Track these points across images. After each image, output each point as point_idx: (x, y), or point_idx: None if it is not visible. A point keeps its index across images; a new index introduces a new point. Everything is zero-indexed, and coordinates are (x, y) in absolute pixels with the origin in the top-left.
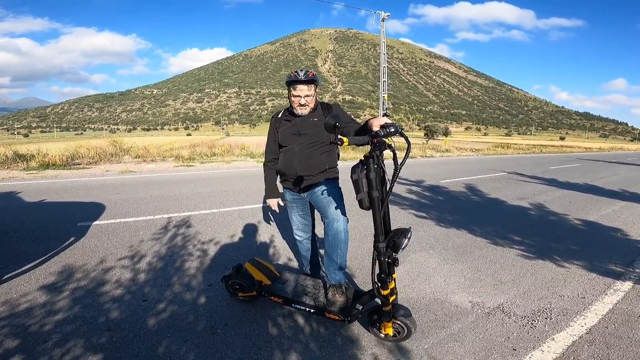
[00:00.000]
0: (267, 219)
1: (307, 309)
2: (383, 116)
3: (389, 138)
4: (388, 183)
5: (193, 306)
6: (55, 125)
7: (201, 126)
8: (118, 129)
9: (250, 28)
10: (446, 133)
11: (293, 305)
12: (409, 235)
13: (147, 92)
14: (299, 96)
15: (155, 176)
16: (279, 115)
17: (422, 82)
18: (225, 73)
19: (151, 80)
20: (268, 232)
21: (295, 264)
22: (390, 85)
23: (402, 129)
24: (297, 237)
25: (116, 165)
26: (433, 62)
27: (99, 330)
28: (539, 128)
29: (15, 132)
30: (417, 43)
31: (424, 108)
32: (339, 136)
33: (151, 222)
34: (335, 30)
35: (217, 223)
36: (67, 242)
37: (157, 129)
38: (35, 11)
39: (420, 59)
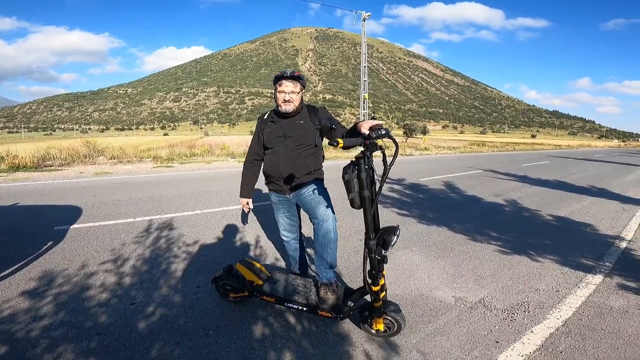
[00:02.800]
0: (252, 220)
1: (300, 308)
2: (371, 119)
3: (380, 140)
4: (377, 183)
5: (183, 308)
6: (23, 126)
7: (179, 125)
8: (90, 129)
9: (228, 27)
10: (424, 132)
11: (285, 304)
12: (397, 233)
13: (121, 91)
14: (283, 92)
15: (133, 178)
16: (265, 117)
17: (401, 81)
18: (203, 72)
19: (125, 79)
20: (253, 233)
21: (282, 263)
22: (370, 84)
23: (390, 132)
24: (284, 238)
25: (90, 167)
26: (412, 62)
27: (88, 334)
28: (512, 126)
29: None
30: (393, 43)
31: (402, 107)
32: (335, 138)
33: (132, 225)
34: (316, 29)
35: (201, 224)
36: (45, 247)
37: (132, 129)
38: (3, 11)
39: (400, 58)
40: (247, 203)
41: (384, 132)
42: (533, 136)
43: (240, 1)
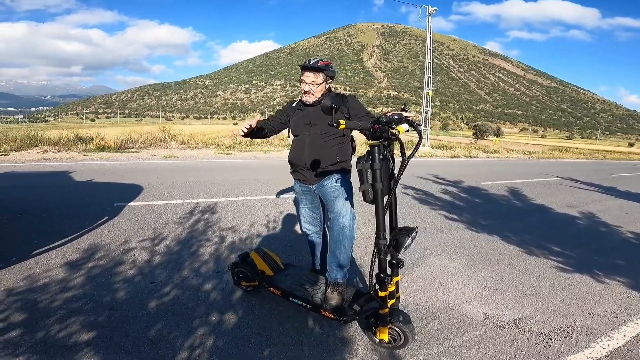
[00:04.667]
0: (290, 210)
1: (303, 304)
2: (401, 110)
3: (397, 129)
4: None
5: (196, 292)
6: (118, 112)
7: (247, 116)
8: (173, 116)
9: (296, 22)
10: (498, 133)
11: (290, 298)
12: (413, 235)
13: (200, 83)
14: (304, 82)
15: (195, 162)
16: (293, 104)
17: (474, 80)
18: (272, 65)
19: (204, 71)
20: (289, 223)
21: (309, 258)
22: (439, 82)
23: (416, 122)
24: (305, 231)
25: (163, 150)
26: (487, 60)
27: (102, 309)
28: (606, 132)
29: (84, 117)
30: (466, 40)
31: (474, 107)
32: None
33: (179, 206)
34: (382, 25)
35: (241, 211)
36: (99, 221)
37: (207, 118)
38: (107, 4)
39: (473, 56)
40: (250, 124)
41: (396, 117)
42: (631, 144)
43: None
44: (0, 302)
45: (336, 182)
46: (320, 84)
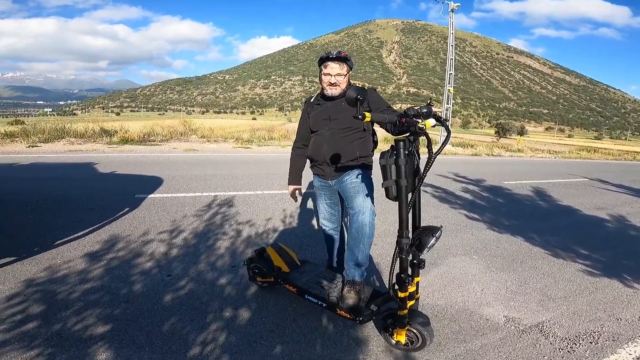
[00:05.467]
0: (308, 205)
1: (319, 303)
2: (427, 106)
3: (423, 123)
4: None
5: (211, 286)
6: (142, 106)
7: (266, 111)
8: (193, 110)
9: (315, 17)
10: (521, 132)
11: (306, 296)
12: (437, 235)
13: (220, 77)
14: (329, 74)
15: (214, 155)
16: (311, 100)
17: (497, 78)
18: (290, 61)
19: (224, 66)
20: (306, 219)
21: (325, 255)
22: (460, 79)
23: (442, 118)
24: (323, 227)
25: (183, 144)
26: (512, 57)
27: (118, 302)
28: (636, 133)
29: (109, 111)
30: (490, 37)
31: (497, 105)
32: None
33: (198, 199)
34: (402, 21)
35: (257, 205)
36: (120, 213)
37: (227, 112)
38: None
39: (497, 54)
40: (297, 191)
41: (425, 111)
42: None
43: None
44: (20, 293)
45: (357, 177)
46: (346, 75)
